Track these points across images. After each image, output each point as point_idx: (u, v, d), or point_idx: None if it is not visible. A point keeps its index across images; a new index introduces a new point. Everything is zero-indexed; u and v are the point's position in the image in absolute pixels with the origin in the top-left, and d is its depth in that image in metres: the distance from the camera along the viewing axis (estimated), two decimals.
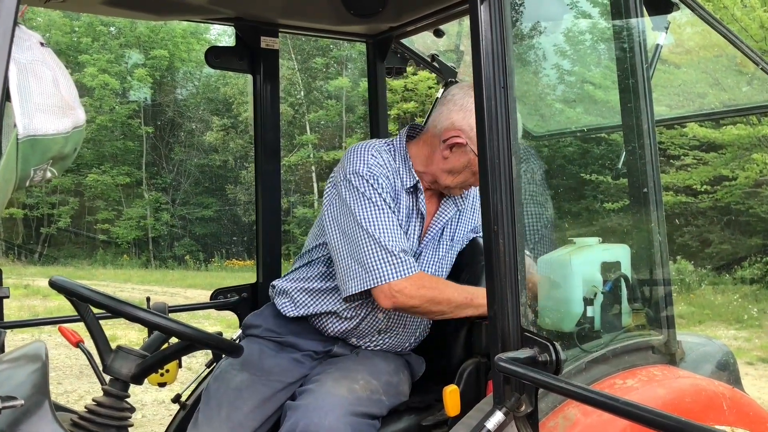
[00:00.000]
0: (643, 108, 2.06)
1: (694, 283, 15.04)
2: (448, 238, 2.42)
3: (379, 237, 2.09)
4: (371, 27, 3.08)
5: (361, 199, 2.15)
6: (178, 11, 2.76)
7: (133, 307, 1.85)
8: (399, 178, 2.28)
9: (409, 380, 2.34)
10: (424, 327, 2.43)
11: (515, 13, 1.97)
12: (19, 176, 1.26)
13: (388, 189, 2.21)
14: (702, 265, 16.11)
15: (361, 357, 2.29)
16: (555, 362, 1.54)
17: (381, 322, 2.31)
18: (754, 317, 11.89)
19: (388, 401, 2.14)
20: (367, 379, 2.13)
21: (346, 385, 2.07)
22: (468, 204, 2.49)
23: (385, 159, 2.26)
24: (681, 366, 2.08)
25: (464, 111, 2.25)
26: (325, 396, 2.02)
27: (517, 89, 1.69)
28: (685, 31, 11.15)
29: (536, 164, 2.64)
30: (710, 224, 17.29)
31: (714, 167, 15.37)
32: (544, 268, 2.00)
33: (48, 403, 1.53)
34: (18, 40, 1.23)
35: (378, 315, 2.30)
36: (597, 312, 1.93)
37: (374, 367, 2.21)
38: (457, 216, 2.45)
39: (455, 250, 2.45)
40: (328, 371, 2.18)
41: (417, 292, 2.07)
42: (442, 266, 2.40)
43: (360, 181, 2.17)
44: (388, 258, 2.07)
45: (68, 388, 7.47)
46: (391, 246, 2.08)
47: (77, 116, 1.34)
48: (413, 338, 2.42)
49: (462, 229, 2.47)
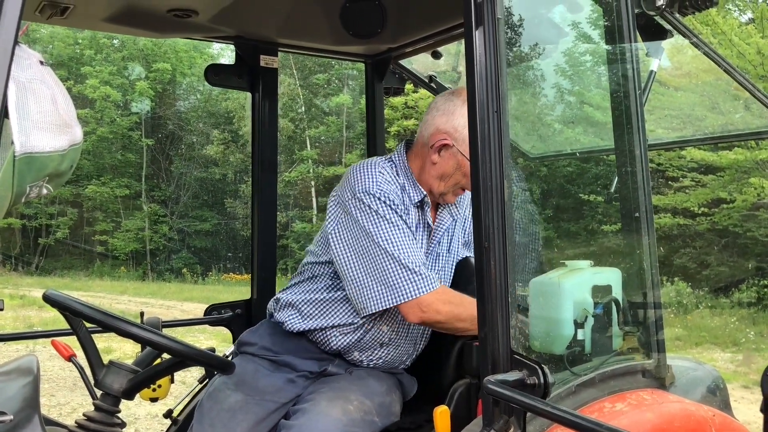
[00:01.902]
0: (636, 133, 2.08)
1: (691, 305, 15.03)
2: (445, 248, 2.44)
3: (399, 255, 2.11)
4: (370, 47, 3.11)
5: (375, 218, 2.16)
6: (179, 29, 2.79)
7: (125, 323, 1.86)
8: (406, 193, 2.31)
9: (400, 400, 2.35)
10: (426, 338, 2.44)
11: (513, 35, 2.00)
12: (15, 193, 1.27)
13: (400, 205, 2.24)
14: (699, 287, 16.10)
15: (354, 377, 2.29)
16: (543, 385, 1.55)
17: (385, 335, 2.32)
18: (751, 340, 11.87)
19: (380, 422, 2.15)
20: (361, 399, 2.13)
21: (340, 405, 2.07)
22: (461, 213, 2.51)
23: (391, 176, 2.28)
24: (671, 390, 2.08)
25: (447, 114, 2.29)
26: (319, 416, 2.02)
27: (515, 109, 1.71)
28: (686, 54, 11.23)
29: (521, 186, 2.65)
30: (708, 246, 17.31)
31: (712, 189, 15.42)
32: (535, 290, 2.01)
33: (38, 417, 1.53)
34: (18, 59, 1.25)
35: (382, 327, 2.31)
36: (587, 335, 1.93)
37: (367, 387, 2.22)
38: (453, 225, 2.47)
39: (453, 260, 2.47)
40: (322, 391, 2.18)
41: (443, 307, 2.12)
42: (444, 277, 2.42)
43: (372, 200, 2.19)
44: (410, 275, 2.10)
45: (61, 400, 7.45)
46: (412, 263, 2.11)
47: (74, 134, 1.36)
48: (413, 351, 2.42)
49: (456, 239, 2.49)
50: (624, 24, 2.10)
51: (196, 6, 2.55)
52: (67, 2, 2.35)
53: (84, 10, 2.45)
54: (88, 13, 2.52)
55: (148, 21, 2.67)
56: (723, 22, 13.80)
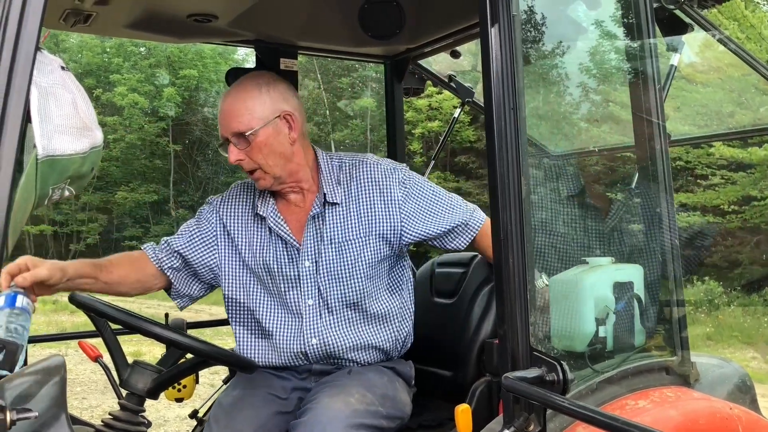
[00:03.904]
0: (656, 129, 2.07)
1: (722, 304, 14.78)
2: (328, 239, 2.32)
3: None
4: (389, 48, 3.12)
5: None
6: (199, 34, 2.83)
7: (149, 323, 1.89)
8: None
9: (406, 388, 2.33)
10: (403, 331, 2.40)
11: (529, 34, 2.00)
12: (38, 195, 1.30)
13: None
14: (731, 286, 15.83)
15: (353, 374, 2.27)
16: (562, 382, 1.54)
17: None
18: None
19: (386, 411, 2.13)
20: (362, 392, 2.12)
21: (341, 399, 2.08)
22: (355, 195, 2.32)
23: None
24: (696, 388, 2.06)
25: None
26: (323, 411, 2.03)
27: (536, 108, 1.71)
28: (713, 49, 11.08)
29: (559, 183, 2.63)
30: (739, 244, 17.01)
31: (742, 187, 15.16)
32: (557, 287, 2.01)
33: (65, 416, 1.56)
34: (39, 65, 1.28)
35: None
36: (609, 332, 1.92)
37: (368, 380, 2.20)
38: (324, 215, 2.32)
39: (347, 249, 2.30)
40: (324, 390, 2.18)
41: None
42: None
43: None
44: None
45: (93, 403, 7.56)
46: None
47: (95, 137, 1.39)
48: (395, 344, 2.38)
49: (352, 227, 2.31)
50: (642, 18, 2.09)
51: (216, 11, 2.58)
52: (90, 9, 2.40)
53: (107, 17, 2.50)
54: (110, 20, 2.57)
55: (169, 26, 2.71)
56: (752, 15, 13.58)
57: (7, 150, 1.11)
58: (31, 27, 1.15)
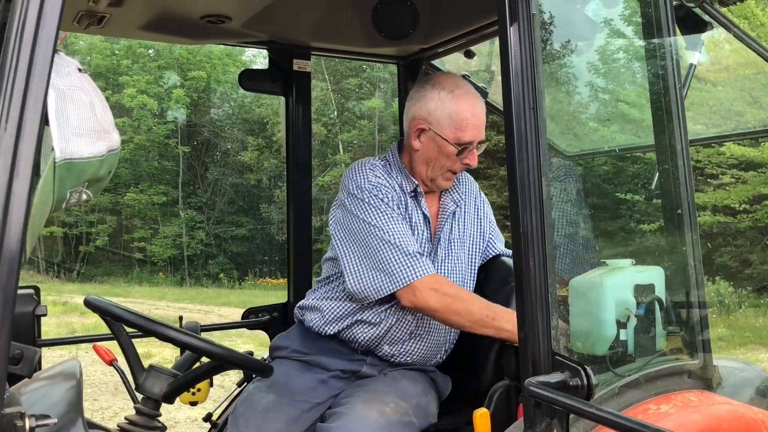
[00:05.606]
0: (677, 128, 2.03)
1: (733, 304, 14.68)
2: (453, 234, 2.43)
3: (394, 240, 2.16)
4: (402, 49, 3.10)
5: (368, 208, 2.24)
6: (213, 35, 2.82)
7: (165, 327, 1.88)
8: (400, 186, 2.36)
9: (436, 400, 2.33)
10: (451, 337, 2.42)
11: (546, 33, 1.97)
12: (56, 198, 1.29)
13: (394, 197, 2.30)
14: (742, 287, 15.72)
15: (389, 379, 2.28)
16: (586, 387, 1.51)
17: (411, 324, 2.31)
18: None
19: (418, 423, 2.13)
20: (397, 401, 2.12)
21: (376, 407, 2.06)
22: (469, 201, 2.51)
23: (383, 171, 2.36)
24: (718, 391, 2.03)
25: (419, 101, 2.34)
26: (356, 419, 2.02)
27: (550, 108, 1.68)
28: (723, 48, 11.00)
29: (573, 184, 2.61)
30: (750, 244, 16.91)
31: (753, 186, 15.06)
32: (576, 290, 1.98)
33: (81, 420, 1.55)
34: (57, 67, 1.27)
35: (407, 317, 2.30)
36: (630, 335, 1.89)
37: (403, 389, 2.21)
38: (456, 213, 2.47)
39: (467, 246, 2.46)
40: (358, 393, 2.17)
41: (435, 294, 2.12)
42: (456, 266, 2.41)
43: (364, 193, 2.27)
44: (405, 259, 2.14)
45: (104, 404, 7.58)
46: (406, 247, 2.16)
47: (112, 140, 1.37)
48: (445, 345, 2.41)
49: (469, 229, 2.47)
50: (662, 17, 2.06)
51: (229, 12, 2.57)
52: (103, 11, 2.39)
53: (120, 18, 2.49)
54: (124, 21, 2.56)
55: (183, 28, 2.70)
56: (762, 14, 13.49)
57: (25, 153, 1.10)
58: (48, 29, 1.14)
